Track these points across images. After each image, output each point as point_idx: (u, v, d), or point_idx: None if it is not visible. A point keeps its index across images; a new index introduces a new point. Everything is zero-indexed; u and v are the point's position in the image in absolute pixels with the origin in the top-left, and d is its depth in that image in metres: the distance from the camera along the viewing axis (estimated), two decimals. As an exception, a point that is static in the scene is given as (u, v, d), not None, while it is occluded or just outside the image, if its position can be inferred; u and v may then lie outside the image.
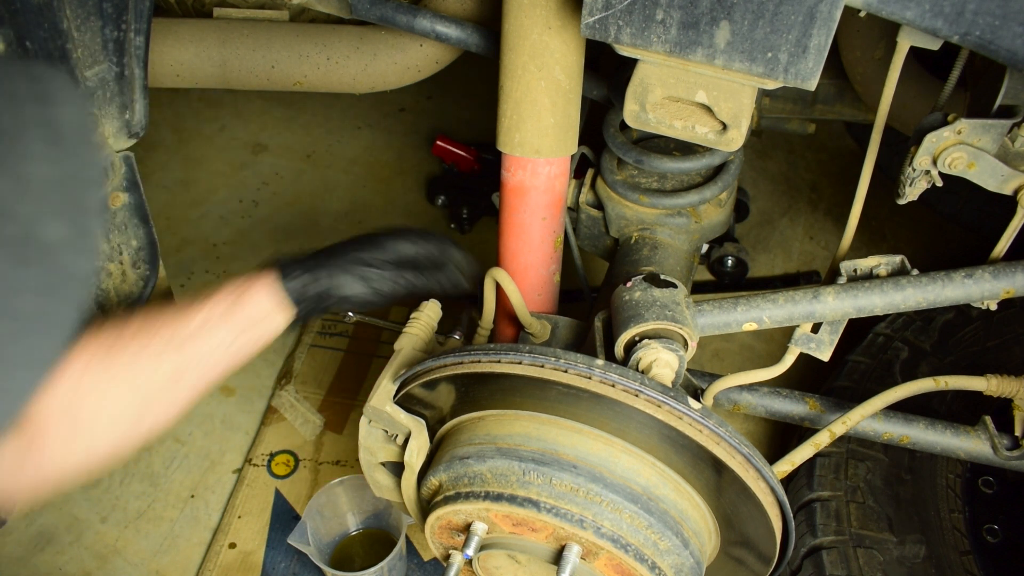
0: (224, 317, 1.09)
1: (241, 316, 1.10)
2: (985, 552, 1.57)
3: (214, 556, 1.75)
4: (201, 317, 1.08)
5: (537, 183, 1.34)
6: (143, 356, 1.04)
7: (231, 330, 1.09)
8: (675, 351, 1.15)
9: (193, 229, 2.54)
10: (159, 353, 1.05)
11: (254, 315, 1.11)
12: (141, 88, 1.22)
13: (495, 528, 1.11)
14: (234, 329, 1.09)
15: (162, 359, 1.05)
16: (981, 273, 1.20)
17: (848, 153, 2.78)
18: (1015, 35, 0.93)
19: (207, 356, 1.08)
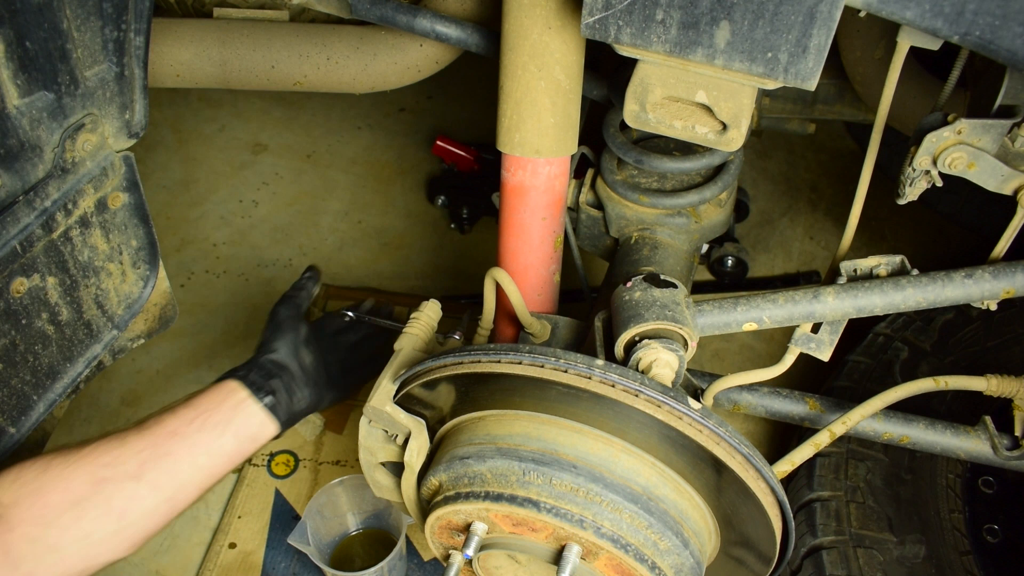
0: (199, 425, 1.13)
1: (224, 425, 1.15)
2: (985, 552, 1.57)
3: (214, 556, 1.75)
4: (170, 428, 1.12)
5: (537, 183, 1.34)
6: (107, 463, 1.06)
7: (212, 438, 1.14)
8: (675, 351, 1.15)
9: (193, 229, 2.54)
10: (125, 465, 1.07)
11: (239, 424, 1.17)
12: (141, 88, 1.22)
13: (495, 528, 1.11)
14: (215, 436, 1.14)
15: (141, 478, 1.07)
16: (981, 273, 1.20)
17: (848, 153, 2.78)
18: (1015, 35, 0.93)
19: (186, 463, 1.10)
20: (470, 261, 2.48)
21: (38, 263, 1.14)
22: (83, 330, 1.26)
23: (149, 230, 1.33)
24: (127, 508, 1.05)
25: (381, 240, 2.53)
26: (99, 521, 1.03)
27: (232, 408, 1.17)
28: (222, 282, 2.39)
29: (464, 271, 2.45)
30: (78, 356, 1.26)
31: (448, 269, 2.46)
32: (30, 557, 0.97)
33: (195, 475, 1.12)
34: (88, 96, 1.14)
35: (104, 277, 1.28)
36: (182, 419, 1.12)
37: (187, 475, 1.11)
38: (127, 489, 1.05)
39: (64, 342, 1.22)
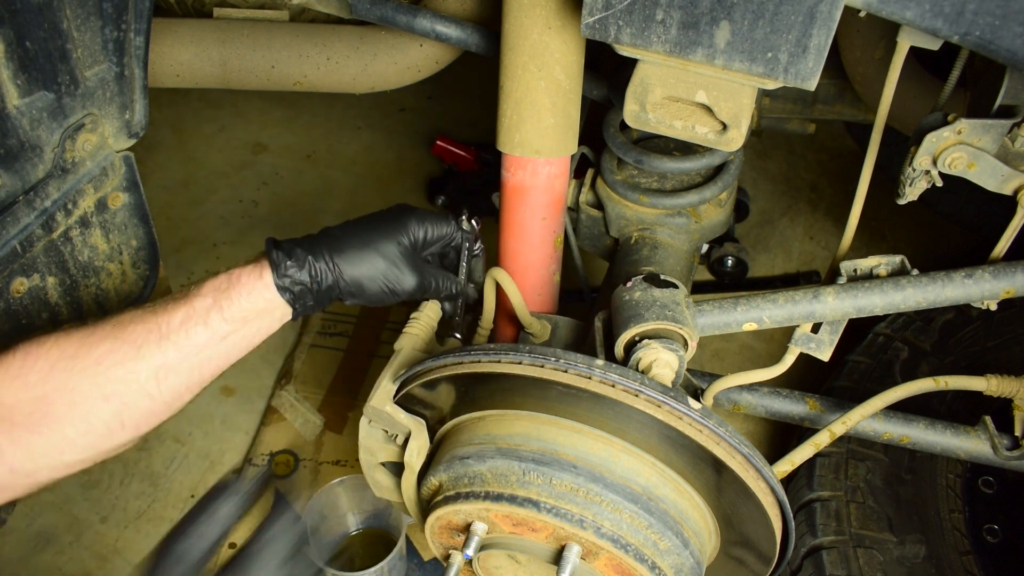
0: (211, 312, 1.01)
1: (234, 310, 1.03)
2: (985, 552, 1.57)
3: (214, 556, 1.75)
4: (182, 313, 1.00)
5: (537, 183, 1.34)
6: (114, 358, 0.97)
7: (222, 325, 1.02)
8: (675, 351, 1.15)
9: (193, 229, 2.54)
10: (136, 352, 0.98)
11: (249, 310, 1.03)
12: (141, 88, 1.22)
13: (495, 528, 1.11)
14: (226, 324, 1.02)
15: (140, 358, 0.98)
16: (981, 273, 1.20)
17: (848, 153, 2.78)
18: (1015, 35, 0.93)
19: (195, 353, 1.00)
20: (470, 261, 2.48)
21: (38, 263, 1.14)
22: (83, 330, 1.26)
23: (149, 230, 1.33)
24: (141, 422, 0.99)
25: (381, 240, 2.53)
26: (110, 436, 0.97)
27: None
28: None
29: (464, 271, 2.44)
30: (78, 356, 1.26)
31: (448, 269, 2.46)
32: (28, 462, 0.93)
33: (208, 383, 1.04)
34: (88, 96, 1.14)
35: (104, 277, 1.28)
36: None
37: (208, 380, 1.03)
38: (142, 406, 0.98)
39: (64, 342, 1.22)
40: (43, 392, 0.93)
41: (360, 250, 1.09)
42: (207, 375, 1.04)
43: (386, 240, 1.11)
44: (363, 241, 1.10)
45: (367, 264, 1.09)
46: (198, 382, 1.03)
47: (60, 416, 0.94)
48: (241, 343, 1.05)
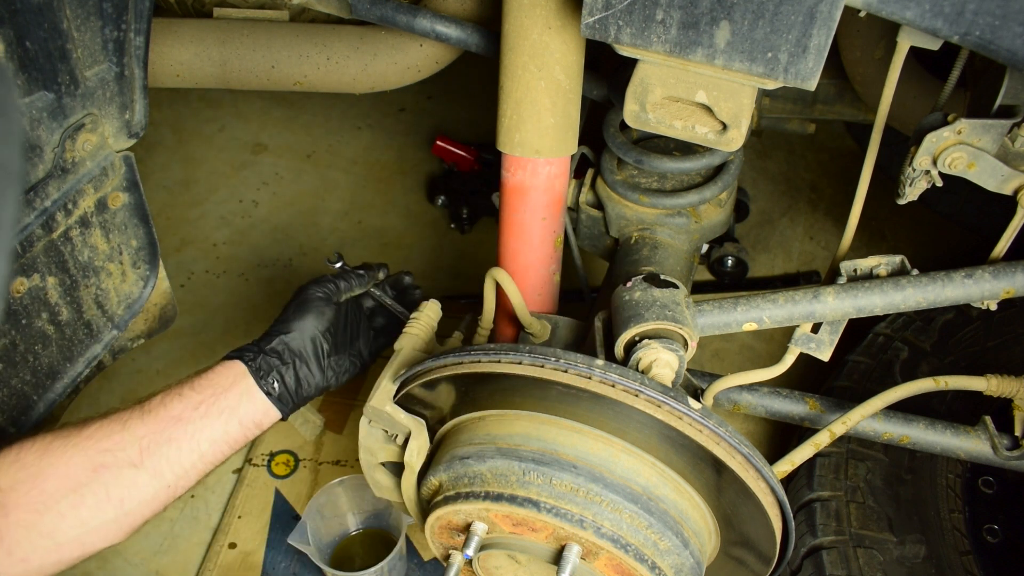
0: (184, 386, 1.11)
1: (203, 382, 1.12)
2: (985, 552, 1.57)
3: (214, 556, 1.75)
4: (161, 394, 1.10)
5: (537, 183, 1.34)
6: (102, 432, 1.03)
7: (194, 395, 1.11)
8: (675, 351, 1.15)
9: (193, 229, 2.54)
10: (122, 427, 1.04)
11: (214, 380, 1.13)
12: (141, 88, 1.22)
13: (495, 528, 1.11)
14: (196, 393, 1.11)
15: (125, 430, 1.04)
16: (981, 273, 1.20)
17: (848, 153, 2.78)
18: (1015, 35, 0.93)
19: (173, 423, 1.08)
20: (470, 261, 2.48)
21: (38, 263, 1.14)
22: (83, 330, 1.26)
23: (149, 230, 1.33)
24: (126, 496, 1.03)
25: (381, 240, 2.53)
26: (97, 509, 1.01)
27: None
28: (222, 282, 2.39)
29: (464, 271, 2.45)
30: (78, 356, 1.26)
31: (448, 269, 2.46)
32: (25, 543, 0.96)
33: (197, 462, 1.10)
34: (88, 96, 1.14)
35: (104, 277, 1.28)
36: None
37: (189, 462, 1.09)
38: (127, 476, 1.03)
39: (64, 342, 1.22)
40: (38, 470, 0.98)
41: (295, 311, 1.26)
42: (185, 450, 1.09)
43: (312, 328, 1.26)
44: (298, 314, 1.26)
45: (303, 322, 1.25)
46: (177, 456, 1.08)
47: (53, 491, 0.98)
48: (218, 417, 1.11)
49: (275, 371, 1.18)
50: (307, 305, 1.26)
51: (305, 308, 1.25)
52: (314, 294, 1.27)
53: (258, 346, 1.19)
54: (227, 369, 1.15)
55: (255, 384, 1.15)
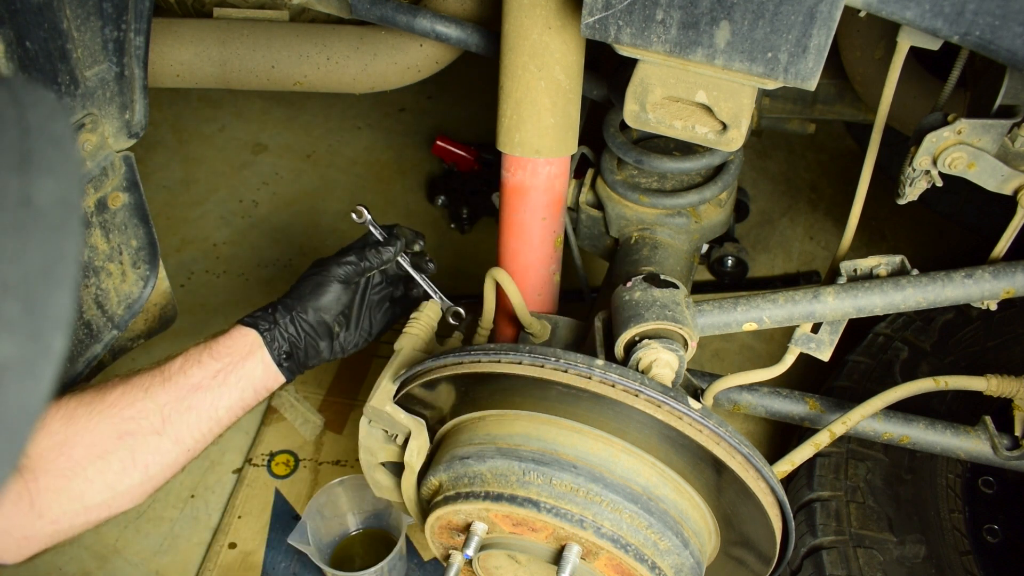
0: (202, 353, 1.14)
1: (220, 348, 1.15)
2: (985, 552, 1.57)
3: (214, 556, 1.75)
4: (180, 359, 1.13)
5: (537, 183, 1.34)
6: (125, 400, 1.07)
7: (212, 363, 1.14)
8: (675, 351, 1.15)
9: (193, 229, 2.54)
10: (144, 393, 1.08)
11: (231, 347, 1.16)
12: (141, 88, 1.22)
13: (495, 528, 1.11)
14: (215, 361, 1.14)
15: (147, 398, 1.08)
16: (981, 273, 1.20)
17: (848, 153, 2.78)
18: (1015, 35, 0.93)
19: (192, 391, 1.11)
20: (470, 261, 2.48)
21: (38, 263, 1.14)
22: (83, 330, 1.26)
23: (149, 230, 1.33)
24: (150, 461, 1.07)
25: (381, 240, 2.53)
26: (123, 474, 1.05)
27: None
28: (222, 282, 2.39)
29: (464, 271, 2.45)
30: (78, 356, 1.26)
31: (448, 269, 2.46)
32: (56, 507, 1.00)
33: (214, 427, 1.14)
34: (88, 96, 1.14)
35: (104, 277, 1.28)
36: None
37: (207, 427, 1.13)
38: (151, 443, 1.07)
39: (64, 342, 1.22)
40: (64, 437, 1.01)
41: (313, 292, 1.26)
42: (204, 417, 1.13)
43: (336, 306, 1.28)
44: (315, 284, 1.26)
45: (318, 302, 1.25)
46: (197, 423, 1.12)
47: (80, 458, 1.02)
48: (235, 385, 1.15)
49: (287, 343, 1.21)
50: (325, 287, 1.25)
51: (323, 289, 1.25)
52: (334, 275, 1.25)
53: (272, 317, 1.21)
54: (243, 336, 1.18)
55: (268, 355, 1.19)
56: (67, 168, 0.53)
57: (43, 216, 0.50)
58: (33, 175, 0.50)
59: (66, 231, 0.51)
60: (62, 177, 0.52)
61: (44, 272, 0.49)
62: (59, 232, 0.51)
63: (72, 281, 0.51)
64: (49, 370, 0.50)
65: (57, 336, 0.50)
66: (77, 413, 1.03)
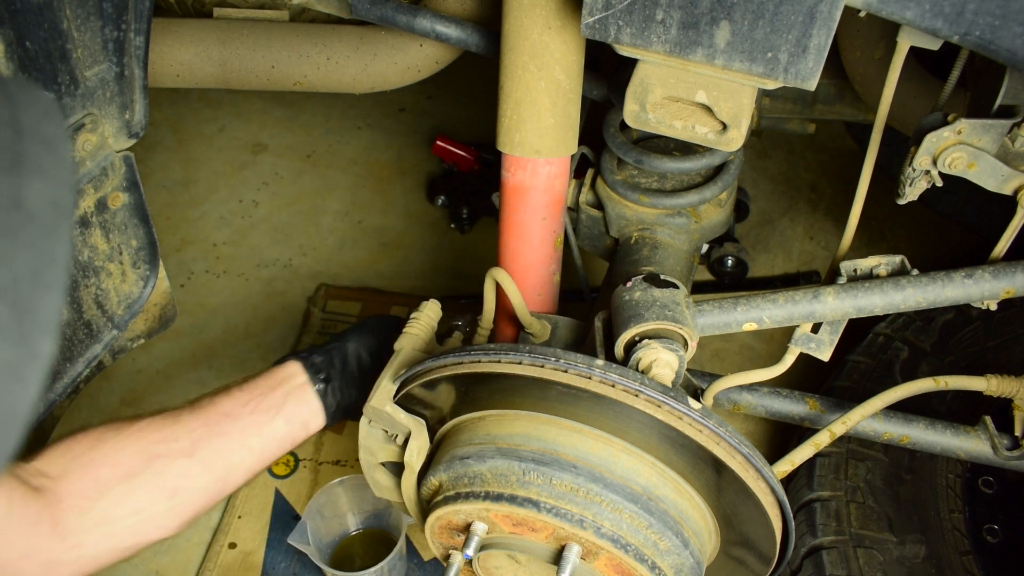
0: (232, 387, 1.14)
1: (252, 384, 1.16)
2: (985, 552, 1.57)
3: (214, 556, 1.75)
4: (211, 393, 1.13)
5: (537, 183, 1.34)
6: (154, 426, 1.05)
7: (241, 395, 1.14)
8: (675, 351, 1.15)
9: (193, 229, 2.54)
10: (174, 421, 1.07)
11: (265, 380, 1.17)
12: (141, 88, 1.22)
13: (495, 528, 1.11)
14: (244, 393, 1.14)
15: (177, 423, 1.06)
16: (981, 273, 1.20)
17: (848, 153, 2.78)
18: (1015, 35, 0.93)
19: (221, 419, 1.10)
20: (470, 261, 2.48)
21: (38, 263, 1.14)
22: (83, 330, 1.26)
23: (149, 230, 1.33)
24: (179, 485, 1.05)
25: (381, 240, 2.53)
26: (151, 497, 1.02)
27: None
28: (222, 282, 2.39)
29: (464, 271, 2.45)
30: (78, 356, 1.26)
31: (448, 269, 2.46)
32: (79, 529, 0.96)
33: (247, 457, 1.12)
34: (88, 96, 1.14)
35: (104, 277, 1.28)
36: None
37: (239, 456, 1.11)
38: (180, 466, 1.05)
39: (64, 342, 1.22)
40: (91, 458, 0.99)
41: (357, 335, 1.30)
42: (236, 445, 1.11)
43: None
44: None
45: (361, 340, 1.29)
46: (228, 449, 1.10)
47: (107, 479, 0.99)
48: (264, 414, 1.14)
49: (327, 370, 1.22)
50: (368, 329, 1.30)
51: (364, 329, 1.30)
52: (384, 323, 1.31)
53: (312, 349, 1.24)
54: (279, 370, 1.20)
55: (304, 383, 1.19)
56: (59, 170, 0.53)
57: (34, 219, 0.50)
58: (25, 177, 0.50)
59: (57, 234, 0.51)
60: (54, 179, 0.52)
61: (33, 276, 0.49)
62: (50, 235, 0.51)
63: (61, 285, 0.51)
64: (37, 374, 0.50)
65: (45, 340, 0.50)
66: (105, 436, 1.01)
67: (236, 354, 2.19)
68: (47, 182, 0.51)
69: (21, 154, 0.51)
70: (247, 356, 2.19)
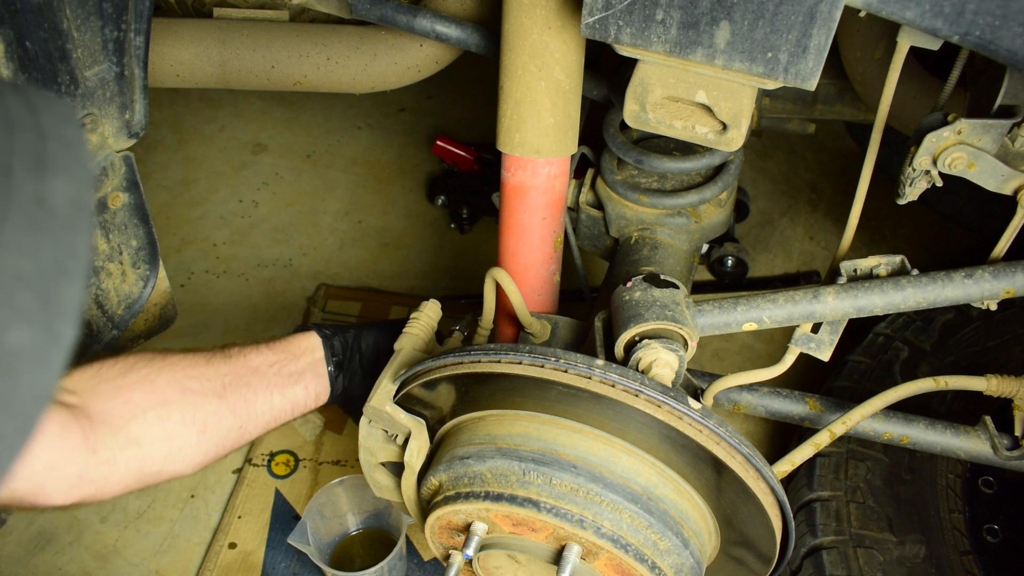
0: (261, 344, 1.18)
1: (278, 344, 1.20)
2: (985, 552, 1.57)
3: (214, 556, 1.75)
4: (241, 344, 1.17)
5: (537, 183, 1.34)
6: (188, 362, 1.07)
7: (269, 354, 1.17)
8: (675, 351, 1.15)
9: (193, 229, 2.54)
10: (206, 362, 1.09)
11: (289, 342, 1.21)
12: (141, 88, 1.22)
13: (495, 528, 1.11)
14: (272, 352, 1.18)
15: (210, 365, 1.09)
16: (981, 273, 1.21)
17: (848, 153, 2.78)
18: (1015, 35, 0.93)
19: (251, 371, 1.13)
20: (470, 261, 2.48)
21: (38, 263, 1.14)
22: (83, 330, 1.26)
23: (149, 230, 1.33)
24: (208, 423, 1.07)
25: (381, 240, 2.53)
26: (184, 427, 1.04)
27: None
28: (222, 282, 2.39)
29: (464, 271, 2.45)
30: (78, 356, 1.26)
31: (448, 269, 2.46)
32: (112, 445, 0.97)
33: (266, 412, 1.15)
34: (88, 96, 1.14)
35: (104, 277, 1.28)
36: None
37: (261, 410, 1.14)
38: (211, 405, 1.08)
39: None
40: (123, 383, 1.00)
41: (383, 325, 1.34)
42: (260, 398, 1.14)
43: None
44: None
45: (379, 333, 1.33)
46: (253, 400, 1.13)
47: (141, 401, 1.00)
48: (288, 378, 1.18)
49: (342, 355, 1.25)
50: (389, 327, 1.33)
51: (385, 328, 1.33)
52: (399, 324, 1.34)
53: (335, 330, 1.27)
54: (303, 339, 1.23)
55: (322, 359, 1.23)
56: (79, 170, 0.57)
57: (57, 215, 0.54)
58: (48, 176, 0.54)
59: (78, 229, 0.55)
60: (74, 178, 0.56)
61: (57, 267, 0.53)
62: (71, 230, 0.54)
63: (83, 276, 0.55)
64: (60, 358, 0.53)
65: (68, 326, 0.53)
66: (137, 365, 1.03)
67: (236, 354, 2.19)
68: (68, 181, 0.55)
69: (44, 155, 0.54)
70: (247, 356, 2.19)
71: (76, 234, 0.54)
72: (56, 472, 0.91)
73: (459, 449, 1.13)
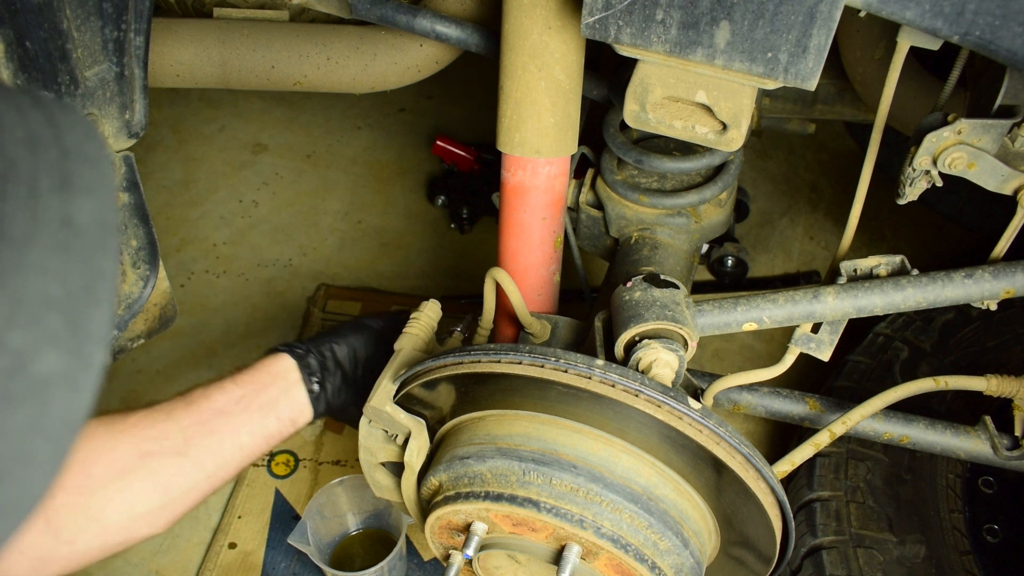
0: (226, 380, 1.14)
1: (245, 376, 1.15)
2: (985, 552, 1.57)
3: (214, 556, 1.75)
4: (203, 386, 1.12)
5: (537, 183, 1.34)
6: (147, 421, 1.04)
7: (235, 389, 1.13)
8: (675, 351, 1.15)
9: (193, 229, 2.54)
10: (166, 416, 1.06)
11: (257, 373, 1.16)
12: (141, 88, 1.22)
13: (495, 528, 1.11)
14: (238, 387, 1.13)
15: (169, 419, 1.06)
16: (981, 273, 1.20)
17: (848, 153, 2.78)
18: (1015, 35, 0.93)
19: (215, 415, 1.09)
20: (470, 261, 2.48)
21: (38, 263, 1.14)
22: (83, 330, 1.26)
23: (149, 230, 1.33)
24: (171, 483, 1.05)
25: (381, 240, 2.53)
26: (144, 494, 1.02)
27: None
28: (222, 282, 2.39)
29: (464, 271, 2.45)
30: (78, 356, 1.26)
31: (448, 269, 2.46)
32: (72, 525, 0.96)
33: (236, 454, 1.12)
34: (88, 96, 1.14)
35: (104, 277, 1.27)
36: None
37: (229, 454, 1.11)
38: (172, 464, 1.04)
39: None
40: (84, 455, 0.98)
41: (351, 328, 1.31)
42: (227, 443, 1.11)
43: None
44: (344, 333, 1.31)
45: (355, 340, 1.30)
46: (219, 447, 1.10)
47: (100, 476, 0.99)
48: (257, 413, 1.14)
49: (320, 372, 1.21)
50: (365, 330, 1.30)
51: (361, 331, 1.30)
52: (375, 324, 1.31)
53: (307, 346, 1.23)
54: (273, 364, 1.19)
55: (296, 381, 1.19)
56: (104, 188, 0.56)
57: (83, 235, 0.53)
58: (73, 196, 0.53)
59: (105, 250, 0.54)
60: (100, 197, 0.55)
61: (85, 290, 0.52)
62: (98, 251, 0.54)
63: (111, 299, 0.54)
64: (91, 383, 0.52)
65: (98, 351, 0.52)
66: (97, 432, 1.01)
67: (236, 354, 2.19)
68: (94, 200, 0.54)
69: (68, 173, 0.53)
70: (247, 356, 2.19)
71: (103, 255, 0.54)
72: (21, 556, 0.92)
73: (459, 449, 1.13)
